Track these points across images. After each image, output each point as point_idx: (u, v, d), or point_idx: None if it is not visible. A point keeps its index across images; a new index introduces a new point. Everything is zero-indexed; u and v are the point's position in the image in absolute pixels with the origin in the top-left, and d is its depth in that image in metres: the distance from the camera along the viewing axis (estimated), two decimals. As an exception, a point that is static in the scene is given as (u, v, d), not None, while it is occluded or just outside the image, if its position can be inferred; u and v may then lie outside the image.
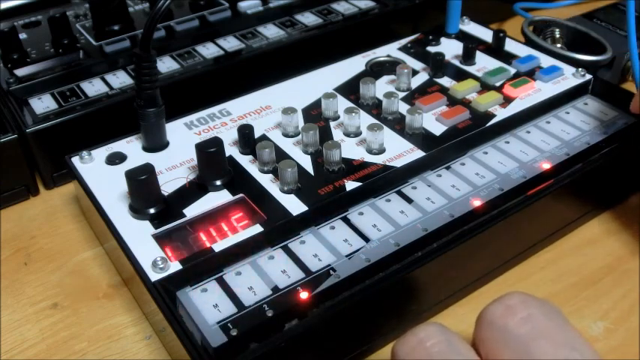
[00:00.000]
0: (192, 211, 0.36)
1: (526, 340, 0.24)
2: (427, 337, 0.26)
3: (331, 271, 0.32)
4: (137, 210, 0.35)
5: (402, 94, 0.44)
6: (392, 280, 0.31)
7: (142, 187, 0.35)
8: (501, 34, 0.49)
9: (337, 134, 0.41)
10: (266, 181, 0.37)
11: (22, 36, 0.54)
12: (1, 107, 0.46)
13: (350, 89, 0.45)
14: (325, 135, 0.41)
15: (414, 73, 0.47)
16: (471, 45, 0.47)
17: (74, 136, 0.44)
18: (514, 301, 0.26)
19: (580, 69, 0.46)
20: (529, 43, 0.51)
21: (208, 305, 0.31)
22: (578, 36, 0.54)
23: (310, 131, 0.39)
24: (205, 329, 0.30)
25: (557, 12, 0.65)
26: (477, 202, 0.36)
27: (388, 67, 0.48)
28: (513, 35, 0.51)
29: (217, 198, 0.36)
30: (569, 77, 0.45)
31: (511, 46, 0.50)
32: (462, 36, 0.52)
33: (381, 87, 0.46)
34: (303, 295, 0.31)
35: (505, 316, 0.25)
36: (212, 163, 0.37)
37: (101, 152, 0.41)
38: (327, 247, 0.34)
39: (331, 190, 0.36)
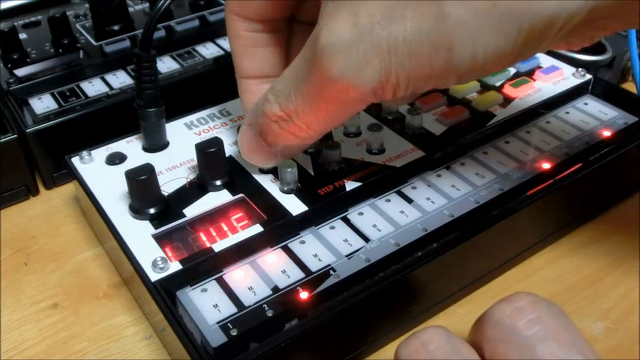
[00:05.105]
0: (192, 211, 0.36)
1: (533, 342, 0.25)
2: (430, 340, 0.26)
3: (331, 271, 0.32)
4: (137, 210, 0.35)
5: (402, 94, 0.44)
6: (392, 280, 0.31)
7: (142, 187, 0.35)
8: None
9: (337, 134, 0.41)
10: (266, 181, 0.37)
11: (22, 36, 0.54)
12: (1, 107, 0.46)
13: (350, 89, 0.45)
14: (325, 135, 0.41)
15: (414, 73, 0.47)
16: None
17: (74, 136, 0.44)
18: (523, 303, 0.26)
19: (580, 69, 0.46)
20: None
21: (208, 305, 0.31)
22: (578, 36, 0.54)
23: (310, 131, 0.39)
24: (205, 329, 0.30)
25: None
26: (477, 203, 0.36)
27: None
28: (513, 35, 0.51)
29: (217, 198, 0.36)
30: (569, 77, 0.45)
31: (511, 46, 0.49)
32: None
33: (381, 87, 0.45)
34: (303, 295, 0.31)
35: (514, 317, 0.26)
36: (212, 163, 0.37)
37: (101, 152, 0.41)
38: (327, 247, 0.34)
39: (331, 190, 0.36)
